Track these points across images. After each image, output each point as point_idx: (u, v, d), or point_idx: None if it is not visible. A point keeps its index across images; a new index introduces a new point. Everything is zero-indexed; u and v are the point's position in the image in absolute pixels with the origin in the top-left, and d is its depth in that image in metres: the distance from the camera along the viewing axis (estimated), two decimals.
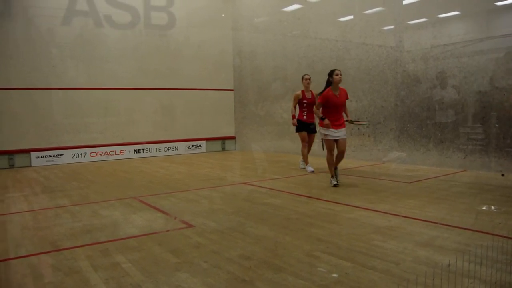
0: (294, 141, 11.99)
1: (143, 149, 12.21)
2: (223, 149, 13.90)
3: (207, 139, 13.49)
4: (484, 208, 5.21)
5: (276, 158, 11.27)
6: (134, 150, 12.07)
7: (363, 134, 10.08)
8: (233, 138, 14.14)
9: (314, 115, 8.34)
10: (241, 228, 4.51)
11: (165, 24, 12.56)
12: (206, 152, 13.40)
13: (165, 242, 4.04)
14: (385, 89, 9.59)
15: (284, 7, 12.44)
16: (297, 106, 8.84)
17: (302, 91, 8.73)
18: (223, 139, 13.93)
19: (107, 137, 11.69)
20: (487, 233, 4.07)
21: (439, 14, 8.85)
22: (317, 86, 11.25)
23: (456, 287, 2.81)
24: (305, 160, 8.78)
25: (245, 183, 7.42)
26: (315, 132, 8.71)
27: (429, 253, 3.56)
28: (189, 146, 13.08)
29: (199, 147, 13.29)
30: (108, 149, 11.64)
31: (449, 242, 3.84)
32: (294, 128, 8.95)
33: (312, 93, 8.72)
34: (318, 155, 9.44)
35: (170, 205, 5.71)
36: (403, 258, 3.45)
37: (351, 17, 10.75)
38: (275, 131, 12.69)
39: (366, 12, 10.34)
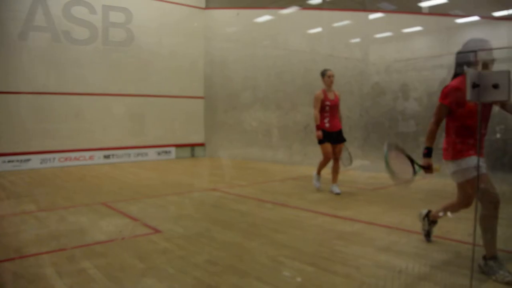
0: (261, 149, 12.12)
1: (113, 155, 12.10)
2: (193, 155, 13.89)
3: (176, 146, 13.46)
4: (441, 214, 5.41)
5: (244, 165, 11.36)
6: (104, 155, 11.95)
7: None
8: (202, 145, 14.15)
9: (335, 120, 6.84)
10: (208, 233, 4.56)
11: (137, 32, 12.51)
12: (176, 158, 13.36)
13: (132, 248, 4.06)
14: (350, 100, 9.84)
15: (255, 18, 12.60)
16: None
17: (323, 91, 6.84)
18: (192, 145, 13.93)
19: (76, 143, 11.52)
20: (444, 238, 4.23)
21: (403, 29, 9.17)
22: (287, 96, 11.51)
23: None
24: (319, 171, 7.06)
25: (213, 189, 7.45)
26: (345, 140, 6.98)
27: (389, 258, 3.69)
28: (159, 152, 13.03)
29: (169, 154, 13.26)
30: (77, 154, 11.49)
31: (408, 247, 3.98)
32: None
33: (335, 93, 6.90)
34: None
35: (138, 211, 5.70)
36: (363, 263, 3.57)
37: (319, 29, 11.00)
38: (244, 139, 12.78)
39: (334, 25, 10.60)
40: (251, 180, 8.59)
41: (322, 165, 6.96)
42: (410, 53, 8.78)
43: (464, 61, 3.68)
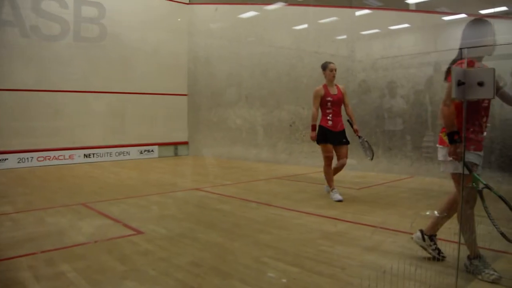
0: (246, 147, 12.04)
1: (93, 154, 11.92)
2: (176, 154, 13.77)
3: (159, 144, 13.32)
4: (427, 213, 5.41)
5: (228, 164, 11.30)
6: (84, 154, 11.76)
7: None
8: (185, 143, 14.04)
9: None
10: (191, 234, 4.49)
11: (119, 28, 12.33)
12: (159, 157, 13.23)
13: (113, 249, 3.96)
14: None
15: (240, 14, 12.52)
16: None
17: (324, 86, 6.19)
18: (175, 144, 13.81)
19: (55, 141, 11.31)
20: None
21: (389, 26, 9.18)
22: (272, 94, 11.46)
23: None
24: (330, 183, 6.25)
25: (196, 189, 7.37)
26: (348, 143, 6.30)
27: (375, 258, 3.66)
28: (141, 151, 12.88)
29: (151, 152, 13.11)
30: (57, 153, 11.27)
31: (395, 246, 3.96)
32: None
33: (338, 88, 6.26)
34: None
35: (120, 212, 5.59)
36: (349, 263, 3.53)
37: (305, 26, 10.97)
38: (228, 137, 12.71)
39: (320, 21, 10.57)
40: (235, 179, 8.52)
41: (328, 172, 6.23)
42: (396, 50, 8.79)
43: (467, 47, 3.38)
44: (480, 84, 2.67)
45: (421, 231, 3.67)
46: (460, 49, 3.35)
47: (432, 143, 8.22)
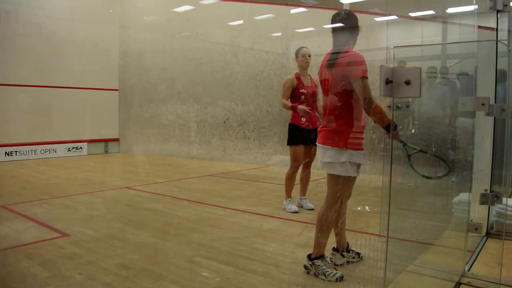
0: (179, 144, 11.89)
1: (16, 152, 11.22)
2: (106, 151, 13.31)
3: (88, 141, 12.80)
4: (359, 208, 5.57)
5: (160, 161, 11.12)
6: (6, 152, 11.03)
7: (248, 138, 10.28)
8: (116, 140, 13.60)
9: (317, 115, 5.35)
10: (120, 235, 4.34)
11: (45, 17, 11.66)
12: (88, 154, 12.70)
13: (35, 254, 3.73)
14: (270, 94, 9.91)
15: (175, 7, 12.29)
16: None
17: (297, 75, 5.27)
18: (106, 141, 13.33)
19: None
20: (361, 232, 4.34)
21: (324, 25, 9.35)
22: (206, 90, 11.35)
23: (330, 284, 2.96)
24: (288, 190, 5.44)
25: (127, 188, 7.17)
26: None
27: (307, 254, 3.69)
28: (69, 148, 12.31)
29: (80, 150, 12.57)
30: None
31: (327, 242, 4.03)
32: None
33: (311, 79, 5.38)
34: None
35: (44, 213, 5.29)
36: (282, 260, 3.55)
37: (240, 22, 10.96)
38: (160, 134, 12.48)
39: (256, 18, 10.60)
40: (167, 177, 8.38)
41: (291, 178, 5.40)
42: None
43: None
44: (407, 83, 2.76)
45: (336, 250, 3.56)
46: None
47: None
